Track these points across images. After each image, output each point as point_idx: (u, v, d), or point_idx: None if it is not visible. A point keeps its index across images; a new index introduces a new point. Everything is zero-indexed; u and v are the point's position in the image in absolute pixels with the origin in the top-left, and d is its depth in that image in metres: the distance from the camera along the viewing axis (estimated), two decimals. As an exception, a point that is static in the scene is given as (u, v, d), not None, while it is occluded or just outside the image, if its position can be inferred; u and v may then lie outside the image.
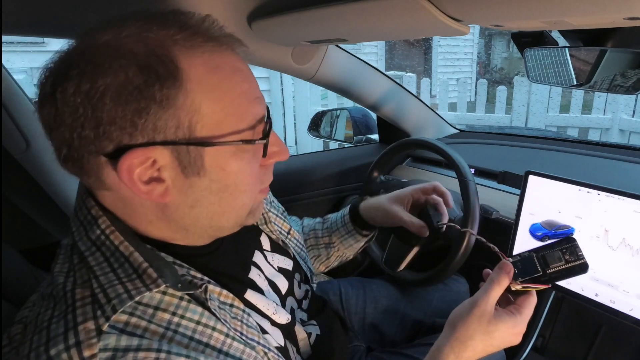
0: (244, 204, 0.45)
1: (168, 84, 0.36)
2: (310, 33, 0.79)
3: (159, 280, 0.40)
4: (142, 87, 0.36)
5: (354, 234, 0.79)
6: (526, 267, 0.49)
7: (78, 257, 0.42)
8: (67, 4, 0.67)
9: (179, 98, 0.37)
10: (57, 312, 0.38)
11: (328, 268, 0.84)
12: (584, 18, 0.50)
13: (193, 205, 0.42)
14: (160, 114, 0.37)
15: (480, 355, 0.48)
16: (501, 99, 4.56)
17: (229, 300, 0.47)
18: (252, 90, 0.43)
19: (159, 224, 0.43)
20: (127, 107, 0.36)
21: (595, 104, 4.23)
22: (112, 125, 0.36)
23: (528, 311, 0.49)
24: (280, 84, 4.50)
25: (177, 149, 0.38)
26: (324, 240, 0.81)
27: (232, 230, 0.48)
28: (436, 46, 7.99)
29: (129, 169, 0.37)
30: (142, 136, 0.37)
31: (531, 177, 0.82)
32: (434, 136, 1.41)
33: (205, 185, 0.41)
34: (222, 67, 0.40)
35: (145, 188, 0.38)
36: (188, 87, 0.38)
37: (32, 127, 0.90)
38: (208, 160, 0.40)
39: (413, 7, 0.54)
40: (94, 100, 0.35)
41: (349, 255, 0.83)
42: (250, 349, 0.45)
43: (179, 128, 0.38)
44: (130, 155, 0.37)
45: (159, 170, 0.39)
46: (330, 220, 0.83)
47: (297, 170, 1.30)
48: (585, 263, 0.47)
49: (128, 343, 0.36)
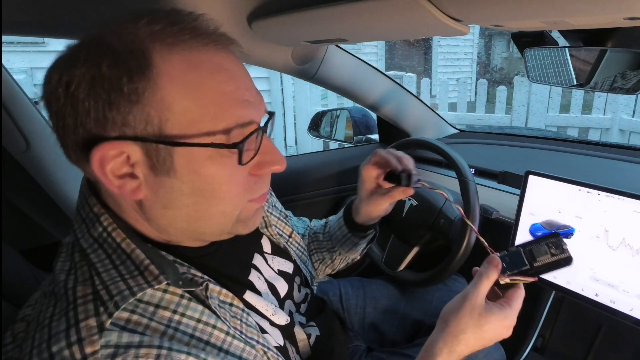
0: (224, 211, 0.43)
1: (136, 78, 0.36)
2: (310, 33, 0.79)
3: (160, 276, 0.40)
4: (112, 80, 0.36)
5: (350, 237, 0.76)
6: (514, 261, 0.50)
7: (79, 254, 0.42)
8: (68, 4, 0.67)
9: (147, 93, 0.37)
10: (58, 310, 0.39)
11: (335, 270, 0.82)
12: (584, 18, 0.50)
13: (166, 205, 0.41)
14: (128, 108, 0.37)
15: (473, 349, 0.48)
16: (501, 99, 4.56)
17: (228, 300, 0.47)
18: (238, 91, 0.41)
19: (144, 223, 0.43)
20: (98, 99, 0.36)
21: (595, 104, 4.23)
22: (87, 116, 0.37)
23: (517, 304, 0.49)
24: (280, 84, 4.50)
25: (147, 146, 0.38)
26: (327, 244, 0.79)
27: (219, 237, 0.47)
28: (436, 46, 7.99)
29: (100, 161, 0.37)
30: (113, 130, 0.37)
31: (531, 177, 0.82)
32: (434, 136, 1.40)
33: (177, 186, 0.40)
34: (203, 65, 0.39)
35: (117, 182, 0.39)
36: (159, 82, 0.37)
37: (32, 127, 0.90)
38: (178, 161, 0.39)
39: (413, 7, 0.54)
40: (71, 90, 0.36)
41: (353, 257, 0.80)
42: (250, 348, 0.45)
43: (149, 124, 0.37)
44: (102, 147, 0.37)
45: (132, 166, 0.39)
46: (330, 224, 0.81)
47: (297, 170, 1.31)
48: (570, 257, 0.49)
49: (129, 340, 0.36)
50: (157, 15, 0.39)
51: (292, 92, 4.55)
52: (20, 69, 3.46)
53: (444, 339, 0.48)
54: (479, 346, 0.48)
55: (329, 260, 0.80)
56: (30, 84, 3.47)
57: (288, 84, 4.52)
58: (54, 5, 0.66)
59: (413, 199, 1.01)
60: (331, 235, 0.78)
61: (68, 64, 0.37)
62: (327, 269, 0.81)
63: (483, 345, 0.48)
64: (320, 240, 0.80)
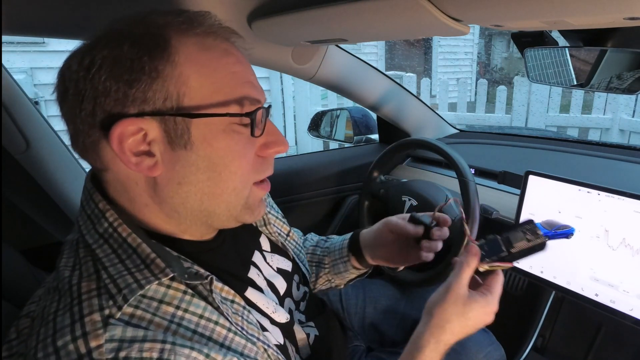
0: (235, 188, 0.45)
1: (156, 54, 0.39)
2: (310, 33, 0.79)
3: (167, 269, 0.41)
4: (134, 59, 0.39)
5: (346, 261, 0.74)
6: (492, 248, 0.52)
7: (84, 250, 0.43)
8: (68, 5, 0.67)
9: (167, 69, 0.40)
10: (62, 305, 0.39)
11: (315, 289, 0.78)
12: (584, 18, 0.50)
13: (181, 182, 0.42)
14: (149, 84, 0.39)
15: (458, 337, 0.50)
16: (501, 99, 4.56)
17: (230, 297, 0.47)
18: (244, 73, 0.44)
19: (154, 208, 0.44)
20: (120, 79, 0.39)
21: (595, 104, 4.23)
22: (107, 97, 0.39)
23: (497, 289, 0.51)
24: (280, 84, 4.50)
25: (165, 120, 0.40)
26: (319, 257, 0.77)
27: (226, 221, 0.48)
28: (436, 46, 7.99)
29: (119, 138, 0.39)
30: (133, 107, 0.39)
31: (531, 177, 0.82)
32: (434, 136, 1.41)
33: (193, 160, 0.42)
34: (213, 48, 0.43)
35: (135, 159, 0.40)
36: (176, 59, 0.40)
37: (32, 127, 0.91)
38: (195, 133, 0.41)
39: (413, 7, 0.54)
40: (92, 72, 0.38)
41: (337, 283, 0.78)
42: (251, 345, 0.45)
43: (167, 99, 0.40)
44: (122, 124, 0.39)
45: (149, 144, 0.41)
46: (332, 241, 0.79)
47: (297, 170, 1.31)
48: (545, 242, 0.51)
49: (134, 334, 0.37)
50: (170, 12, 0.43)
51: (292, 92, 4.55)
52: (20, 69, 3.46)
53: (430, 330, 0.50)
54: (463, 334, 0.50)
55: (314, 276, 0.77)
56: (30, 84, 3.48)
57: (288, 84, 4.51)
58: (56, 5, 0.66)
59: (413, 199, 1.01)
60: (329, 252, 0.77)
61: (89, 48, 0.40)
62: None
63: (467, 333, 0.50)
64: (315, 253, 0.78)
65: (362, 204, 1.13)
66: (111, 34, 0.40)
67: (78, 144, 0.42)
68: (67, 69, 0.40)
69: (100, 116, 0.39)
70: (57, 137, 0.98)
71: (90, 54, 0.39)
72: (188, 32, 0.42)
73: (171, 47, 0.40)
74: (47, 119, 0.96)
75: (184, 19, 0.42)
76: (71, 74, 0.40)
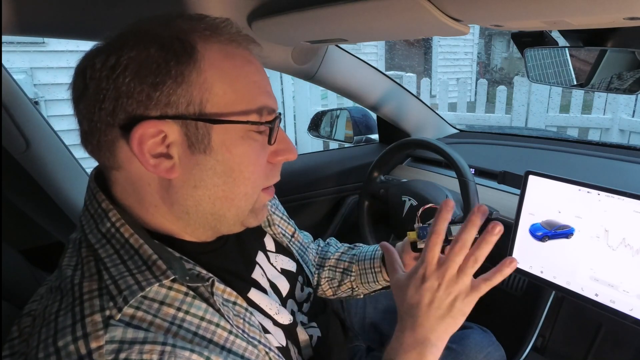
0: (246, 193, 0.45)
1: (183, 60, 0.40)
2: (310, 33, 0.79)
3: (168, 271, 0.41)
4: (161, 63, 0.39)
5: (377, 272, 0.72)
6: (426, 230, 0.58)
7: (87, 249, 0.43)
8: (69, 5, 0.67)
9: (193, 75, 0.40)
10: (64, 305, 0.39)
11: (336, 296, 0.77)
12: (584, 18, 0.50)
13: (197, 185, 0.43)
14: (174, 88, 0.40)
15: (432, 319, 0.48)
16: (501, 99, 4.56)
17: (232, 298, 0.47)
18: (263, 83, 0.45)
19: (163, 209, 0.44)
20: (145, 81, 0.39)
21: (595, 104, 4.23)
22: (129, 98, 0.39)
23: (429, 256, 0.49)
24: (280, 84, 4.49)
25: (187, 125, 0.41)
26: (344, 264, 0.76)
27: (232, 225, 0.48)
28: (436, 46, 7.99)
29: (140, 140, 0.39)
30: (155, 109, 0.40)
31: (531, 177, 0.82)
32: (434, 136, 1.41)
33: (211, 164, 0.42)
34: (235, 56, 0.44)
35: (153, 161, 0.41)
36: (202, 66, 0.41)
37: (32, 127, 0.91)
38: (215, 138, 0.42)
39: (413, 7, 0.54)
40: (117, 73, 0.39)
41: (360, 292, 0.76)
42: (252, 347, 0.45)
43: (191, 104, 0.40)
44: (143, 125, 0.39)
45: (168, 147, 0.41)
46: (361, 249, 0.78)
47: (297, 170, 1.31)
48: None
49: (134, 336, 0.37)
50: (192, 17, 0.44)
51: (292, 92, 4.54)
52: (20, 69, 3.45)
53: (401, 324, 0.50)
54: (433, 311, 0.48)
55: (337, 283, 0.76)
56: (30, 84, 3.47)
57: (288, 84, 4.51)
58: (56, 5, 0.66)
59: (413, 199, 1.01)
60: (358, 260, 0.75)
61: (115, 48, 0.40)
62: (330, 290, 0.77)
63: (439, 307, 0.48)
64: (340, 260, 0.77)
65: (362, 204, 1.13)
66: (138, 35, 0.40)
67: (91, 142, 0.42)
68: (89, 67, 0.40)
69: (120, 116, 0.40)
70: (57, 137, 0.98)
71: (116, 54, 0.39)
72: (212, 39, 0.42)
73: (197, 53, 0.41)
74: (47, 119, 0.96)
75: (207, 25, 0.43)
76: (93, 72, 0.39)
